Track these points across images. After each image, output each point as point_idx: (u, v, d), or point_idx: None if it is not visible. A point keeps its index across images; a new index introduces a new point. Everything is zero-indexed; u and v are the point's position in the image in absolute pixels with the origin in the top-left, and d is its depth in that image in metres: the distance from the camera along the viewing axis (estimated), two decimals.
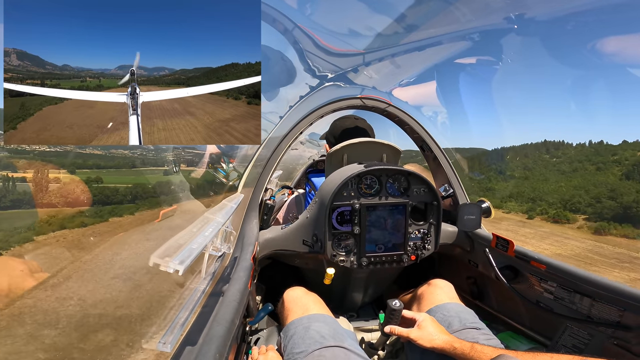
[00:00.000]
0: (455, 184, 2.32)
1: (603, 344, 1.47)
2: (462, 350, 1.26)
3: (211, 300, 1.24)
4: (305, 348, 1.33)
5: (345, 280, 1.99)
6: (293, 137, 2.21)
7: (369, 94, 2.38)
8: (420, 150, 2.52)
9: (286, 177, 7.58)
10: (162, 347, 0.84)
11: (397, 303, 1.46)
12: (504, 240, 1.91)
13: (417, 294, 1.85)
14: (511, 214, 28.94)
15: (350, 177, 1.69)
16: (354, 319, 2.05)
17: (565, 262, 1.67)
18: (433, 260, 2.59)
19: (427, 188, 1.79)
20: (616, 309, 1.42)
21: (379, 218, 1.74)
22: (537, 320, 1.85)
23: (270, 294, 2.25)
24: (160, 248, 0.90)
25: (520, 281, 1.87)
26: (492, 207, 2.13)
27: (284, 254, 1.95)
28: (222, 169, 3.88)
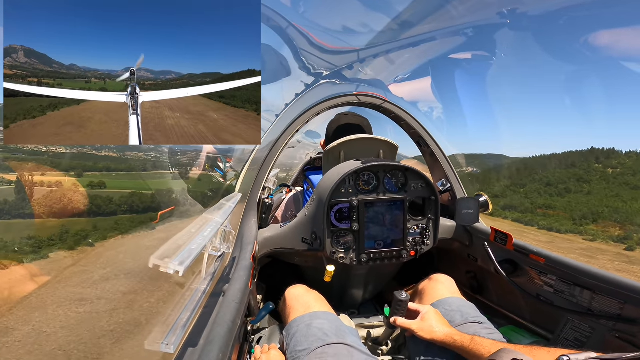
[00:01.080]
0: (453, 179, 2.33)
1: (605, 337, 1.48)
2: (462, 342, 1.27)
3: (212, 301, 1.23)
4: (308, 346, 1.33)
5: (345, 277, 1.99)
6: (289, 135, 2.20)
7: (364, 91, 2.38)
8: (417, 145, 2.52)
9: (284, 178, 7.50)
10: (165, 349, 0.83)
11: (404, 294, 1.46)
12: (502, 233, 1.92)
13: (419, 289, 1.85)
14: (597, 242, 22.32)
15: (347, 174, 1.69)
16: (355, 315, 2.05)
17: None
18: (432, 256, 2.60)
19: (425, 183, 1.79)
20: (617, 302, 1.42)
21: (377, 214, 1.74)
22: (538, 314, 1.86)
23: (271, 293, 2.25)
24: (160, 249, 0.89)
25: (520, 275, 1.87)
26: (489, 200, 2.14)
27: (283, 253, 1.95)
28: (219, 169, 3.86)
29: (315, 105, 2.27)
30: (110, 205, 4.15)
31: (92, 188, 4.10)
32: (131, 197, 4.43)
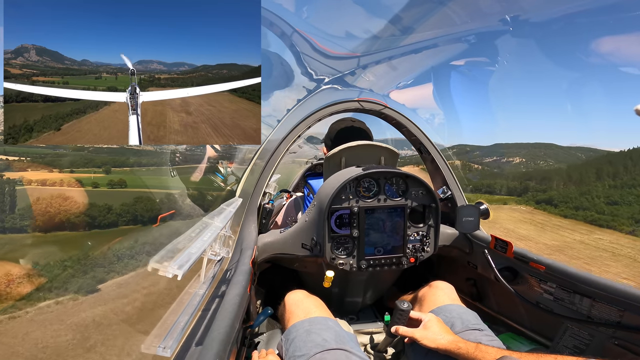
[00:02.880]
0: (453, 186, 2.33)
1: (604, 345, 1.47)
2: (466, 350, 1.26)
3: (210, 305, 1.23)
4: (307, 351, 1.32)
5: (345, 283, 1.98)
6: (291, 140, 2.21)
7: (366, 97, 2.39)
8: (418, 152, 2.53)
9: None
10: (162, 352, 0.83)
11: (406, 304, 1.46)
12: (502, 241, 1.91)
13: (418, 295, 1.85)
14: None
15: (348, 180, 1.69)
16: (354, 321, 2.04)
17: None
18: (432, 262, 2.59)
19: (425, 190, 1.79)
20: (616, 309, 1.42)
21: (377, 221, 1.74)
22: (537, 321, 1.85)
23: (270, 298, 2.24)
24: (159, 253, 0.90)
25: (520, 282, 1.87)
26: (490, 208, 2.14)
27: (283, 258, 1.94)
28: (220, 173, 3.87)
29: (317, 110, 2.28)
30: (108, 216, 4.11)
31: (113, 187, 4.11)
32: (133, 205, 4.38)
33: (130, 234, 7.95)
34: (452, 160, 2.11)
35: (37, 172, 37.46)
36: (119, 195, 10.18)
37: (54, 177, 38.41)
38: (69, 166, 19.74)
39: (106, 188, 31.70)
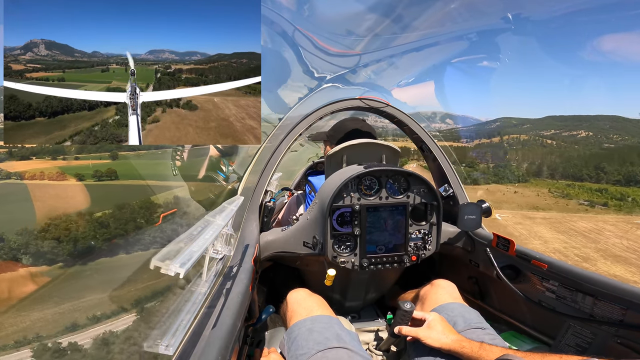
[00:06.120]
0: (455, 184, 2.32)
1: (607, 343, 1.47)
2: (470, 349, 1.26)
3: (212, 303, 1.23)
4: (309, 350, 1.32)
5: (347, 281, 1.98)
6: (292, 138, 2.21)
7: (368, 95, 2.38)
8: (420, 150, 2.52)
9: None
10: (165, 350, 0.83)
11: (409, 305, 1.45)
12: (504, 239, 1.91)
13: (420, 294, 1.84)
14: None
15: (350, 179, 1.69)
16: (356, 320, 2.04)
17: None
18: (434, 261, 2.58)
19: (427, 188, 1.79)
20: (619, 308, 1.41)
21: (379, 219, 1.74)
22: (539, 320, 1.85)
23: (272, 296, 2.25)
24: (161, 251, 0.89)
25: (522, 280, 1.86)
26: (491, 206, 2.13)
27: (284, 256, 1.94)
28: (222, 172, 3.87)
29: (319, 108, 2.27)
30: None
31: (100, 179, 3.96)
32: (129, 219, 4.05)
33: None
34: (494, 137, 2.03)
35: (17, 162, 35.15)
36: (106, 194, 9.14)
37: (34, 168, 35.28)
38: (76, 153, 18.63)
39: (92, 181, 29.08)
